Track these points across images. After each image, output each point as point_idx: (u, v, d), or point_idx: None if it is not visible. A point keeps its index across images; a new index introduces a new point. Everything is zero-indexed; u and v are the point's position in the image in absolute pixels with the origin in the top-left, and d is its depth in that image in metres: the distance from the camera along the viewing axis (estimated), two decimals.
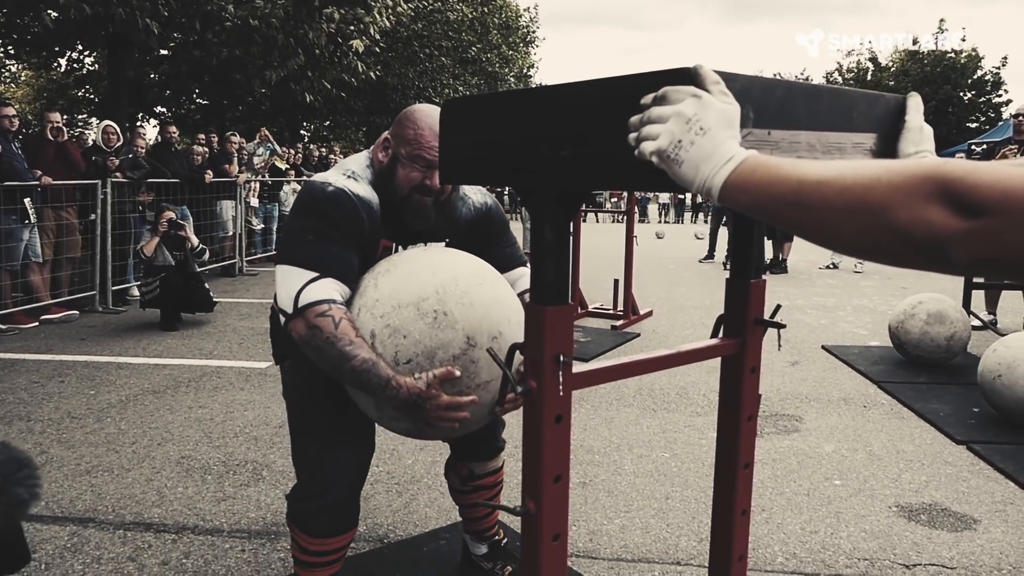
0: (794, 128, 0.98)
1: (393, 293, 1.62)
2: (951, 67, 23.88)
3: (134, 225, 7.00)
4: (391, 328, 1.58)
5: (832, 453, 3.33)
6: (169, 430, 3.50)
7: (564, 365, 1.09)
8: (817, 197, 0.71)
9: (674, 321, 6.26)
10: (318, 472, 1.82)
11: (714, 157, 0.81)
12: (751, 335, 1.37)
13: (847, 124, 1.07)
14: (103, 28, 10.41)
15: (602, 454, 3.27)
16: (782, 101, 0.97)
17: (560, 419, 1.11)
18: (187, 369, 4.58)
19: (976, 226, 0.60)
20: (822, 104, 1.03)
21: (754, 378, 1.40)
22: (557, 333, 1.09)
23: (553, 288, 1.09)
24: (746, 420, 1.40)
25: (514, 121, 1.10)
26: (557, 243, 1.08)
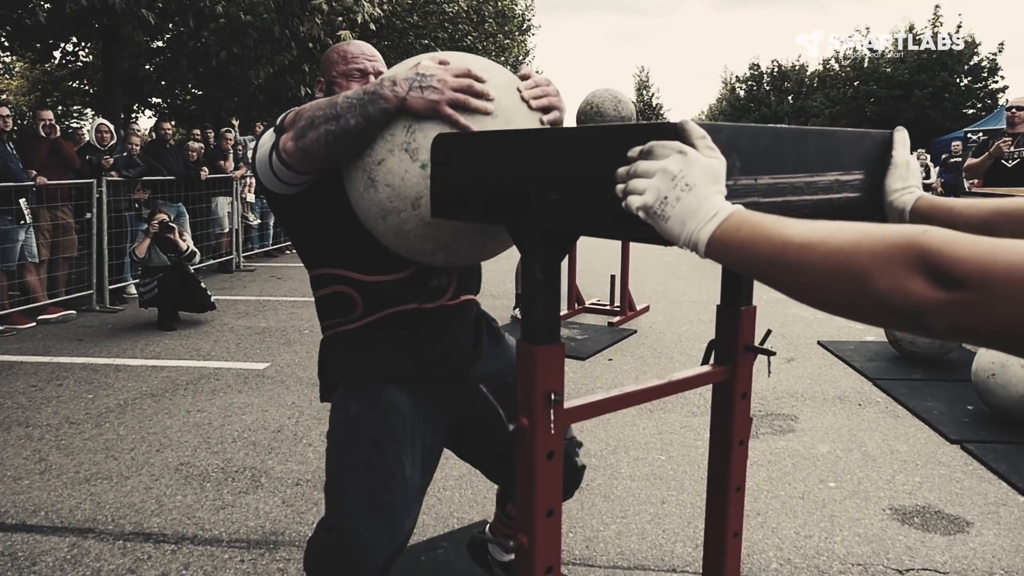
0: (781, 173, 0.99)
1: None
2: (947, 53, 23.81)
3: (130, 223, 7.00)
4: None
5: (827, 454, 3.35)
6: (168, 435, 3.52)
7: (555, 403, 1.10)
8: (800, 259, 0.72)
9: (671, 316, 6.27)
10: (350, 539, 1.52)
11: (699, 213, 0.82)
12: (742, 362, 1.38)
13: (835, 164, 1.08)
14: (97, 20, 10.35)
15: (599, 457, 3.29)
16: (768, 148, 0.97)
17: (552, 455, 1.12)
18: (185, 371, 4.60)
19: (954, 298, 0.60)
20: (808, 147, 1.04)
21: (745, 403, 1.41)
22: (548, 372, 1.10)
23: (544, 328, 1.10)
24: (737, 445, 1.41)
25: (505, 161, 1.10)
26: (547, 284, 1.09)
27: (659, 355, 5.03)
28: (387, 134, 1.30)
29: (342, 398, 1.63)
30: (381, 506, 1.52)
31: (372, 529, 1.51)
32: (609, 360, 4.90)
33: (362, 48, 1.74)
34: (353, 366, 1.64)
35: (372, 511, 1.52)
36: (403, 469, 1.56)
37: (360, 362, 1.64)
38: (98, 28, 11.47)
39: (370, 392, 1.60)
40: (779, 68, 33.48)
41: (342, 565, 1.52)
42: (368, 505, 1.52)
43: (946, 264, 0.61)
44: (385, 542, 1.51)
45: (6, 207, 5.68)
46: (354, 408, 1.59)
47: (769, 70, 33.79)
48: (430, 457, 1.68)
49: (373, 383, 1.61)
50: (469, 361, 1.73)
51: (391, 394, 1.60)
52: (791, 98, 32.61)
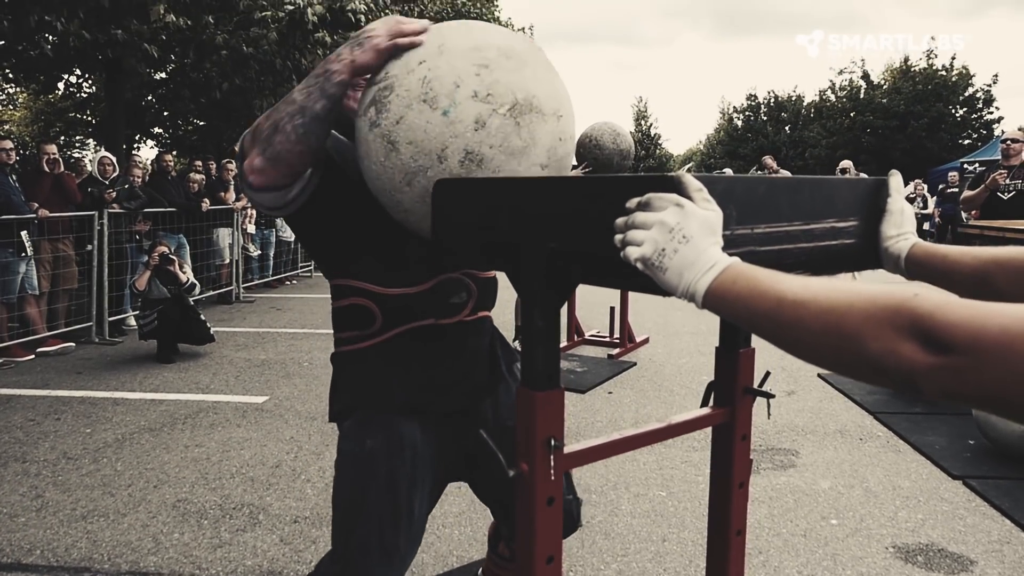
0: (777, 222, 1.00)
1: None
2: (942, 85, 24.09)
3: (131, 255, 7.02)
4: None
5: (829, 490, 3.33)
6: (165, 471, 3.50)
7: (555, 449, 1.10)
8: (793, 316, 0.73)
9: (670, 348, 6.27)
10: None
11: (696, 264, 0.83)
12: (741, 404, 1.39)
13: (830, 211, 1.09)
14: (101, 53, 10.48)
15: (599, 493, 3.27)
16: (764, 197, 0.99)
17: (552, 501, 1.12)
18: (183, 404, 4.58)
19: (945, 362, 0.61)
20: (804, 195, 1.06)
21: (745, 445, 1.41)
22: (548, 418, 1.10)
23: (543, 374, 1.10)
24: (738, 487, 1.41)
25: (504, 207, 1.12)
26: (547, 330, 1.10)
27: (659, 388, 5.02)
28: (401, 91, 1.25)
29: (357, 429, 1.59)
30: (390, 547, 1.53)
31: (381, 568, 1.53)
32: (609, 393, 4.88)
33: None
34: (368, 394, 1.60)
35: (382, 552, 1.52)
36: (412, 508, 1.56)
37: (375, 389, 1.59)
38: (102, 60, 11.62)
39: (385, 426, 1.57)
40: (776, 99, 33.84)
41: None
42: (379, 546, 1.52)
43: (937, 329, 0.62)
44: None
45: (7, 240, 5.70)
46: (370, 443, 1.55)
47: (766, 100, 34.15)
48: (436, 491, 1.67)
49: (387, 415, 1.58)
50: (484, 390, 1.70)
51: (406, 429, 1.57)
52: (788, 128, 32.90)
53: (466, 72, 1.23)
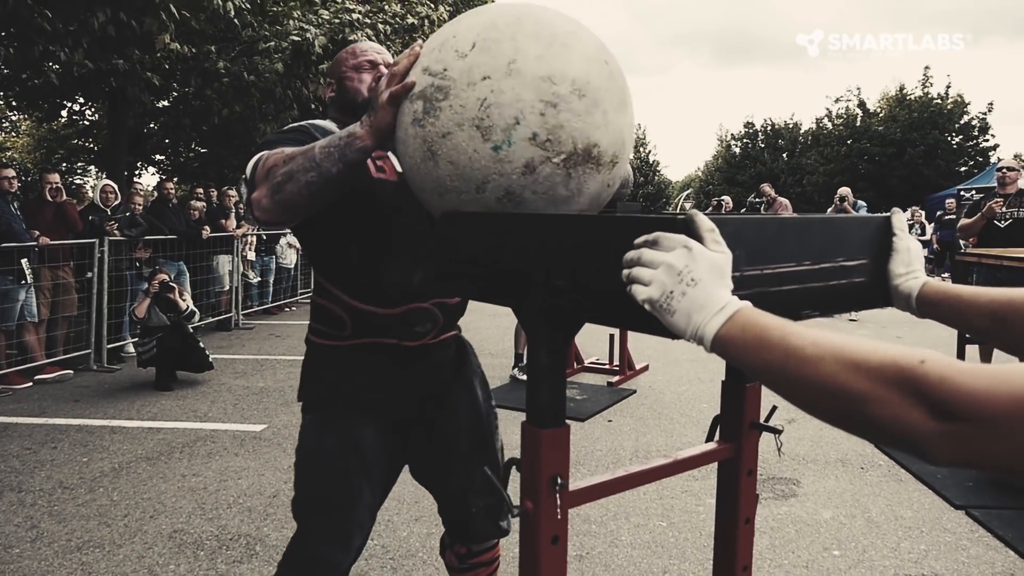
0: (786, 262, 1.01)
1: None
2: (938, 113, 24.31)
3: (130, 282, 7.02)
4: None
5: (830, 520, 3.30)
6: (162, 501, 3.47)
7: (561, 487, 1.10)
8: (801, 374, 0.73)
9: (670, 376, 6.25)
10: (315, 564, 1.69)
11: (706, 308, 0.83)
12: (747, 439, 1.38)
13: (839, 251, 1.09)
14: (104, 83, 10.58)
15: (599, 524, 3.24)
16: (774, 238, 0.99)
17: (556, 540, 1.11)
18: (181, 433, 4.55)
19: (951, 429, 0.61)
20: (813, 235, 1.06)
21: (751, 481, 1.41)
22: (553, 455, 1.10)
23: (549, 411, 1.10)
24: (744, 523, 1.40)
25: (511, 243, 1.12)
26: (553, 367, 1.10)
27: (659, 416, 5.00)
28: (455, 103, 1.15)
29: (317, 427, 1.73)
30: (343, 534, 1.70)
31: (335, 553, 1.69)
32: (609, 421, 4.86)
33: (370, 44, 1.84)
34: (331, 389, 1.73)
35: (336, 539, 1.69)
36: (364, 500, 1.72)
37: (338, 386, 1.73)
38: (105, 89, 11.73)
39: (342, 427, 1.71)
40: (773, 126, 34.10)
41: None
42: (333, 533, 1.69)
43: (943, 397, 0.62)
44: (344, 563, 1.71)
45: (7, 267, 5.71)
46: (327, 442, 1.70)
47: (763, 128, 34.42)
48: (389, 480, 1.83)
49: (345, 415, 1.71)
50: (443, 398, 1.84)
51: (361, 430, 1.71)
52: (786, 155, 33.11)
53: (531, 108, 1.12)
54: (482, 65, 1.14)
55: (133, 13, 8.80)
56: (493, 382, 5.94)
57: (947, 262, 11.46)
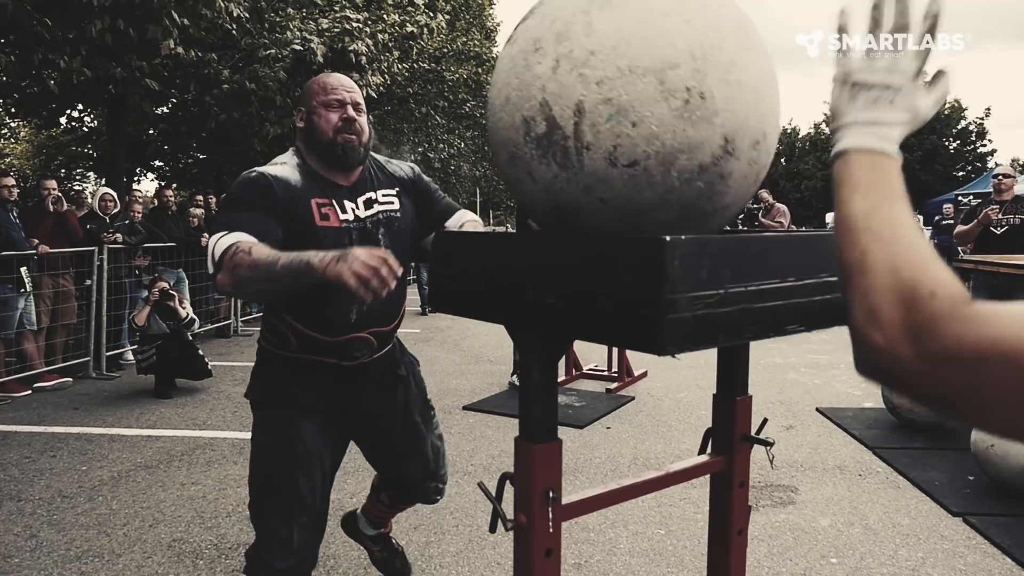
0: (771, 279, 1.02)
1: (620, 45, 1.04)
2: (936, 118, 24.37)
3: (129, 290, 7.04)
4: (614, 105, 1.03)
5: (828, 528, 3.31)
6: (161, 509, 3.47)
7: (553, 501, 1.11)
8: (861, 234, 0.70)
9: (668, 382, 6.26)
10: (267, 539, 1.99)
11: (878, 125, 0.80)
12: (739, 451, 1.40)
13: (823, 266, 1.11)
14: (103, 91, 10.60)
15: (597, 531, 3.25)
16: (757, 256, 1.01)
17: (550, 553, 1.13)
18: (180, 441, 4.56)
19: (922, 365, 0.61)
20: (797, 252, 1.08)
21: (743, 492, 1.42)
22: (546, 469, 1.11)
23: (541, 427, 1.12)
24: (736, 534, 1.41)
25: (502, 262, 1.14)
26: (544, 384, 1.11)
27: (657, 423, 5.01)
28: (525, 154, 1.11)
29: (264, 424, 2.01)
30: (286, 512, 1.97)
31: (280, 528, 1.97)
32: (607, 428, 4.87)
33: (341, 80, 1.96)
34: (277, 392, 2.01)
35: (280, 516, 1.97)
36: (299, 481, 1.97)
37: (281, 389, 2.00)
38: (104, 97, 11.75)
39: (287, 427, 1.98)
40: None
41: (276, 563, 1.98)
42: (278, 512, 1.97)
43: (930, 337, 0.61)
44: (294, 540, 1.97)
45: (7, 275, 5.72)
46: (271, 439, 1.98)
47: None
48: (329, 465, 2.07)
49: (290, 414, 1.98)
50: (375, 393, 2.13)
51: (303, 428, 1.98)
52: (784, 160, 33.17)
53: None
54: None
55: (132, 21, 8.84)
56: (492, 388, 5.97)
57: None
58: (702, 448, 1.45)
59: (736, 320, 0.97)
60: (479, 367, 7.01)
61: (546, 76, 1.07)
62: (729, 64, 1.06)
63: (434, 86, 17.36)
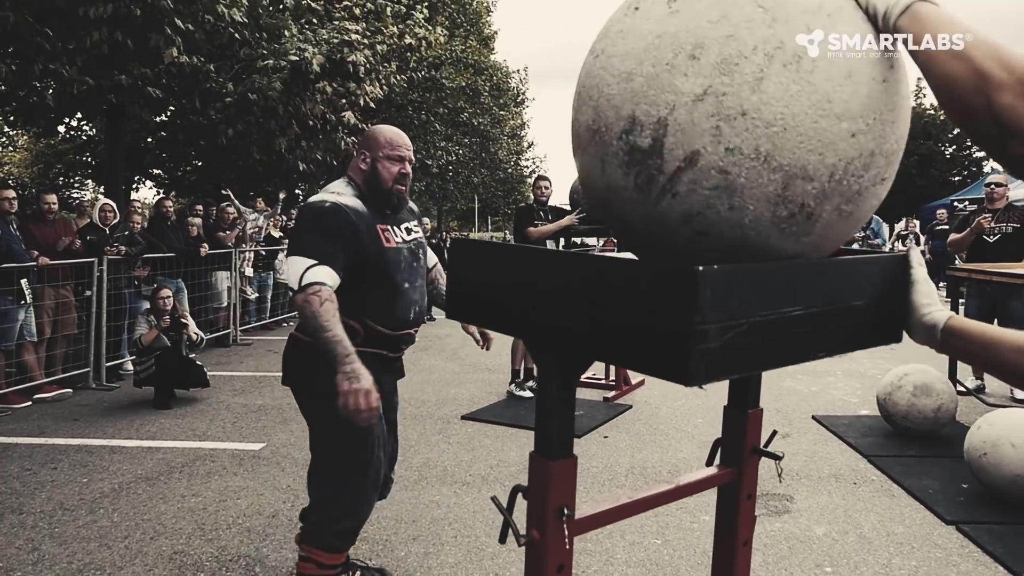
0: (798, 306, 1.02)
1: (775, 129, 0.93)
2: (931, 123, 24.49)
3: (129, 300, 7.06)
4: (725, 179, 0.95)
5: (823, 536, 3.35)
6: (162, 522, 3.50)
7: (567, 518, 1.14)
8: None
9: (665, 390, 6.29)
10: (356, 503, 2.43)
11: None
12: (748, 464, 1.43)
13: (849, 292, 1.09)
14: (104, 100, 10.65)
15: (594, 542, 3.28)
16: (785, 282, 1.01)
17: (562, 568, 1.16)
18: (180, 452, 4.59)
19: None
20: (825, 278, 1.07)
21: (750, 504, 1.45)
22: (560, 486, 1.14)
23: (557, 443, 1.15)
24: (742, 545, 1.45)
25: (526, 278, 1.15)
26: (563, 401, 1.14)
27: (655, 432, 5.04)
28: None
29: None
30: (364, 507, 2.47)
31: (365, 498, 2.46)
32: (605, 437, 4.90)
33: (403, 138, 2.45)
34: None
35: (358, 512, 2.45)
36: (380, 472, 2.48)
37: None
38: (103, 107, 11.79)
39: None
40: None
41: (345, 522, 2.44)
42: (357, 506, 2.44)
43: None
44: (357, 529, 2.52)
45: (7, 287, 5.75)
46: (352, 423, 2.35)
47: None
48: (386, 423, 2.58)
49: None
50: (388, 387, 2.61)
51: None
52: None
53: None
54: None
55: (132, 31, 8.89)
56: (490, 398, 6.00)
57: (941, 273, 11.54)
58: (710, 459, 1.48)
59: (763, 348, 0.96)
60: (477, 376, 7.04)
61: (685, 98, 0.94)
62: (855, 195, 1.01)
63: (432, 93, 17.42)
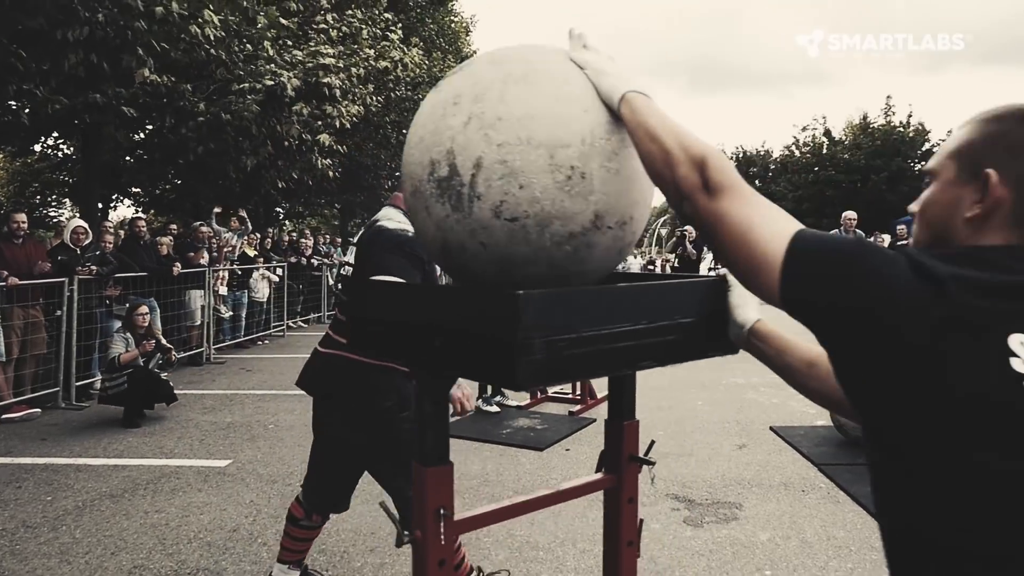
0: (623, 323, 1.17)
1: (525, 119, 1.21)
2: (900, 140, 25.02)
3: (100, 320, 7.10)
4: (508, 167, 1.20)
5: (766, 542, 3.48)
6: (123, 537, 3.56)
7: (445, 517, 1.26)
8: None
9: None
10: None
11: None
12: (627, 471, 1.56)
13: (675, 309, 1.26)
14: (78, 119, 10.71)
15: (546, 550, 3.39)
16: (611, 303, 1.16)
17: (443, 563, 1.28)
18: (147, 470, 4.64)
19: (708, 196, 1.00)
20: (650, 298, 1.23)
21: (632, 507, 1.58)
22: (437, 490, 1.27)
23: (434, 453, 1.27)
24: (626, 545, 1.57)
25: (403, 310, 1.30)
26: (437, 415, 1.27)
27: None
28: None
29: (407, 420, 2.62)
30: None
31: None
32: (567, 450, 5.02)
33: None
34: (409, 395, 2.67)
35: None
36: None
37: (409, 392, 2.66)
38: (79, 125, 11.84)
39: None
40: (744, 153, 34.77)
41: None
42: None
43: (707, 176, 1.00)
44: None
45: None
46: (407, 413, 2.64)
47: (735, 155, 35.08)
48: None
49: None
50: None
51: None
52: (757, 182, 33.70)
53: None
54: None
55: (107, 53, 8.99)
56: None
57: None
58: (598, 468, 1.61)
59: (591, 358, 1.13)
60: None
61: (457, 128, 1.23)
62: (612, 154, 1.24)
63: (411, 113, 17.60)
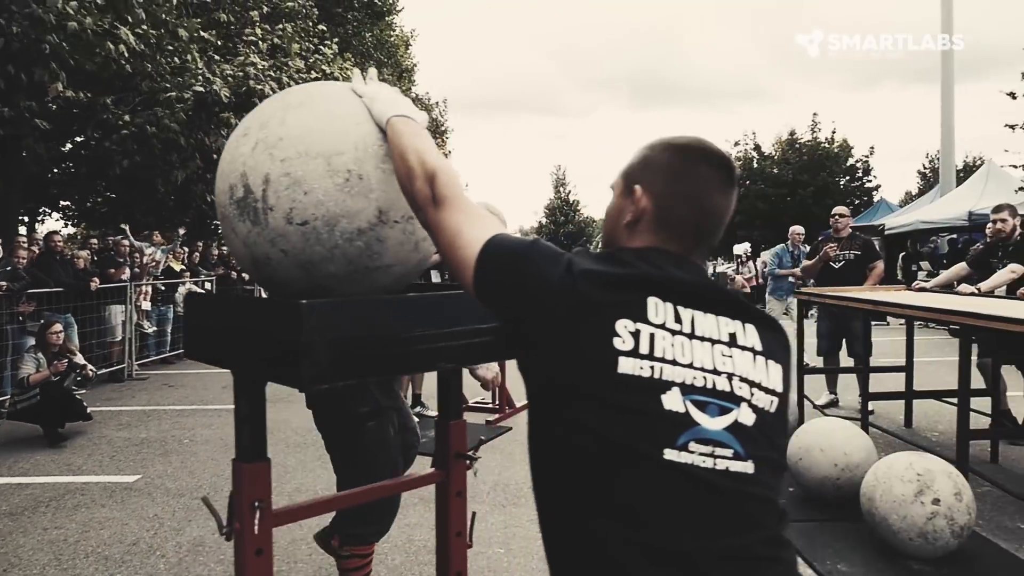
0: (417, 327, 1.34)
1: (303, 136, 1.41)
2: (826, 156, 26.05)
3: (12, 336, 6.96)
4: (292, 177, 1.37)
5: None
6: (18, 554, 3.55)
7: (261, 509, 1.39)
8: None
9: None
10: None
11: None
12: (454, 467, 1.71)
13: (467, 318, 1.43)
14: None
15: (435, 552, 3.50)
16: (402, 310, 1.32)
17: (260, 552, 1.40)
18: (50, 487, 4.60)
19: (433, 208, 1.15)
20: (443, 307, 1.40)
21: (460, 501, 1.73)
22: (254, 485, 1.39)
23: (251, 450, 1.40)
24: (455, 536, 1.72)
25: (220, 321, 1.43)
26: (253, 414, 1.40)
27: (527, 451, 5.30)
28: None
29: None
30: None
31: None
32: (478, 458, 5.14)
33: None
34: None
35: None
36: None
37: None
38: None
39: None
40: None
41: None
42: None
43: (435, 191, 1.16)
44: None
45: None
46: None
47: None
48: None
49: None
50: None
51: None
52: None
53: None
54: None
55: (22, 66, 8.82)
56: None
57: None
58: (432, 464, 1.75)
59: (384, 360, 1.28)
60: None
61: (247, 153, 1.42)
62: (386, 157, 1.42)
63: None
